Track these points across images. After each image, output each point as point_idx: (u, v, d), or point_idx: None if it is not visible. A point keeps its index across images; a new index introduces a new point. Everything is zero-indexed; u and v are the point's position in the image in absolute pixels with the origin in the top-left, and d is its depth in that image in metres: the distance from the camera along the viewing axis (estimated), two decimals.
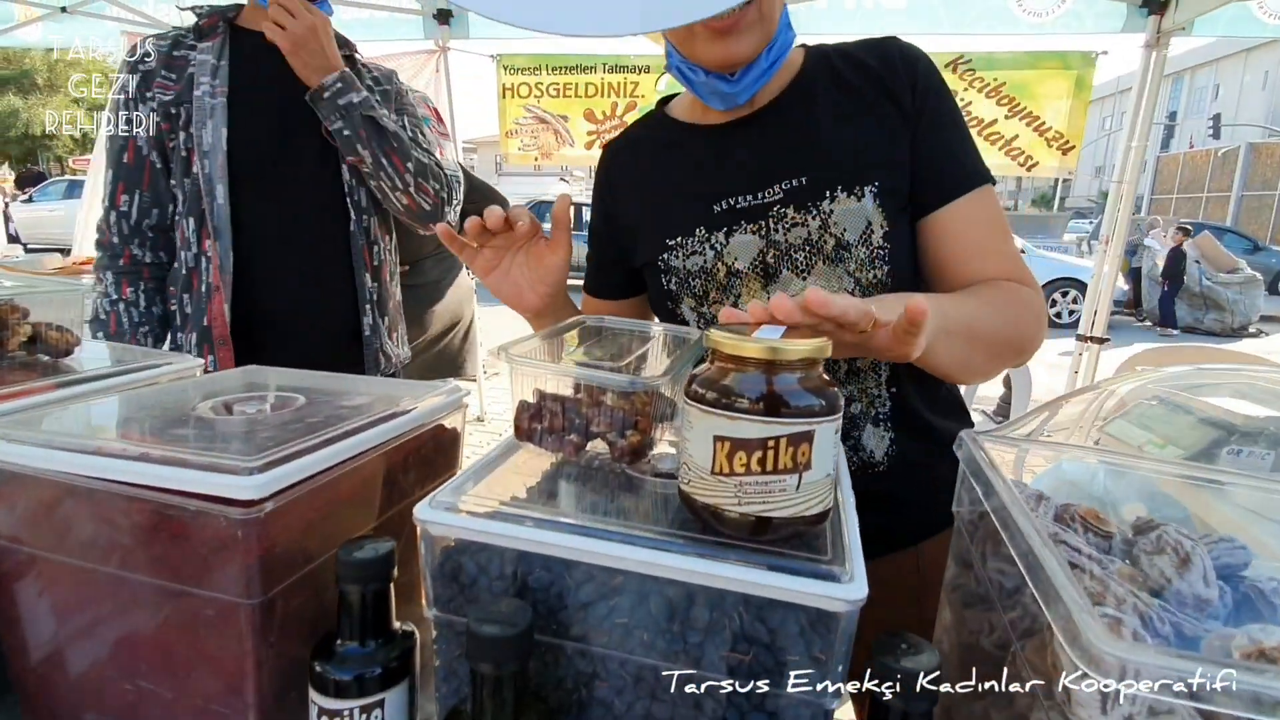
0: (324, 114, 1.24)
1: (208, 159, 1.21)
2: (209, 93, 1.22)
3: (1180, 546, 0.47)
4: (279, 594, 0.49)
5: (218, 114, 1.21)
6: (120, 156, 1.26)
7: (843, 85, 0.82)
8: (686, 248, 0.84)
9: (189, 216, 1.24)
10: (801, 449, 0.40)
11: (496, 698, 0.41)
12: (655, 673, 0.44)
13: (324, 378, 0.75)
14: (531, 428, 0.56)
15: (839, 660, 0.40)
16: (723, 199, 0.83)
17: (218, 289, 1.22)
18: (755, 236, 0.81)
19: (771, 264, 0.81)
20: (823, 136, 0.80)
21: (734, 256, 0.82)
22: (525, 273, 0.85)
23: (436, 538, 0.46)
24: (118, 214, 1.26)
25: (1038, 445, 0.60)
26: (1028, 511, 0.46)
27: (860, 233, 0.78)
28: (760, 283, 0.82)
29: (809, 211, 0.79)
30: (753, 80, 0.78)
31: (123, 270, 1.28)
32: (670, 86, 3.65)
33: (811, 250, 0.80)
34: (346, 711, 0.47)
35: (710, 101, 0.83)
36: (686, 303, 0.86)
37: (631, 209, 0.92)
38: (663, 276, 0.86)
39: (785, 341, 0.41)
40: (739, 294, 0.83)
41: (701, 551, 0.42)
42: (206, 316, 1.23)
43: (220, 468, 0.46)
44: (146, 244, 1.28)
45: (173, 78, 1.24)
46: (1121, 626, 0.38)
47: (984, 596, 0.53)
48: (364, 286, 1.34)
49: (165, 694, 0.53)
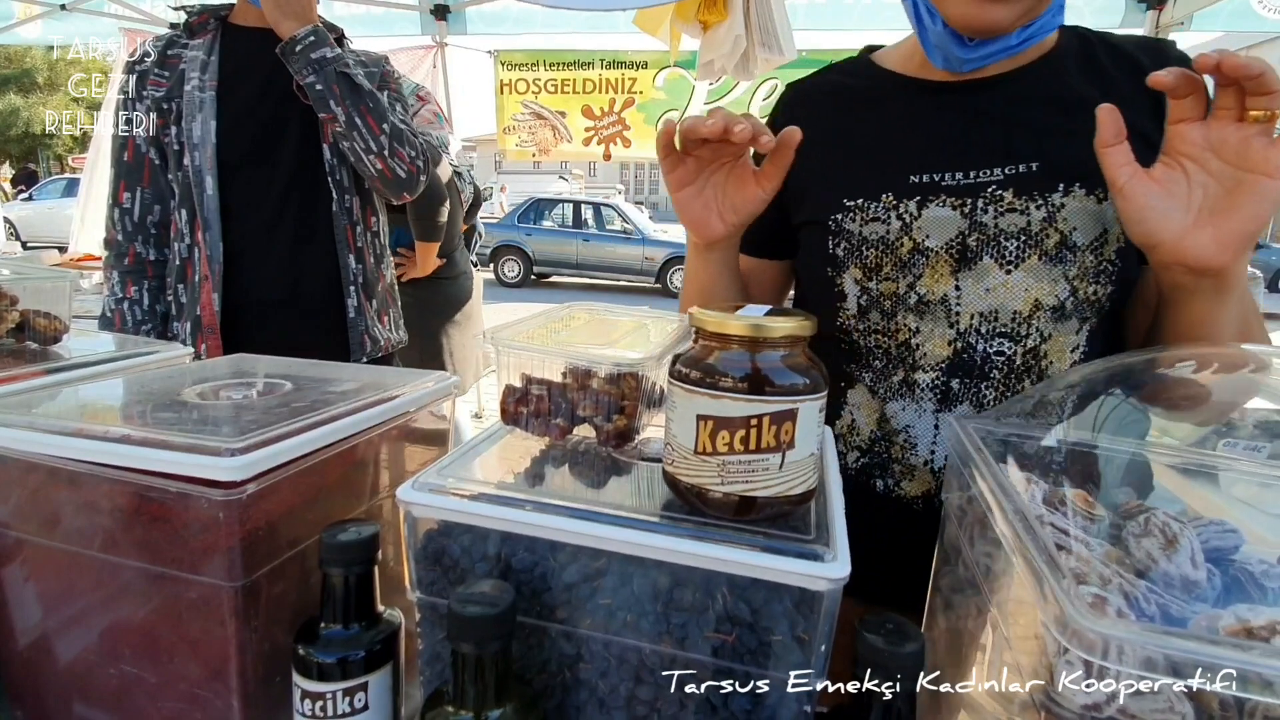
0: (296, 68, 1.21)
1: (197, 151, 1.22)
2: (198, 87, 1.23)
3: (1168, 528, 0.47)
4: (262, 577, 0.49)
5: (206, 107, 1.23)
6: (121, 155, 1.28)
7: (1100, 74, 0.72)
8: (867, 212, 0.74)
9: (181, 208, 1.26)
10: (785, 428, 0.40)
11: (478, 679, 0.40)
12: (639, 654, 0.44)
13: (314, 365, 0.75)
14: (518, 412, 0.56)
15: (822, 640, 0.40)
16: (925, 171, 0.73)
17: (206, 278, 1.23)
18: (956, 214, 0.71)
19: (972, 248, 0.71)
20: (1069, 122, 0.69)
21: (925, 232, 0.72)
22: (719, 196, 0.71)
23: (420, 520, 0.46)
24: (120, 211, 1.28)
25: (1026, 429, 0.60)
26: (1014, 493, 0.46)
27: (1093, 238, 0.68)
28: (950, 266, 0.72)
29: (1034, 200, 0.69)
30: (990, 54, 0.70)
31: (128, 270, 1.30)
32: (669, 83, 3.64)
33: (1027, 242, 0.70)
34: (329, 695, 0.47)
35: (932, 56, 0.74)
36: (851, 273, 0.76)
37: (807, 160, 0.78)
38: (830, 239, 0.77)
39: (769, 319, 0.41)
40: (920, 273, 0.73)
41: (685, 532, 0.42)
42: (199, 305, 1.24)
43: (202, 449, 0.46)
44: (150, 241, 1.30)
45: (165, 75, 1.26)
46: (1106, 605, 0.38)
47: (971, 581, 0.53)
48: (347, 268, 1.33)
49: (150, 678, 0.52)
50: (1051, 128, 0.71)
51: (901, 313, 0.75)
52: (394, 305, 1.48)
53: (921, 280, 0.73)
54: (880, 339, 0.77)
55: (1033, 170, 0.70)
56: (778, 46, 2.43)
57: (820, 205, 0.78)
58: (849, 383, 0.82)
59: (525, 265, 11.18)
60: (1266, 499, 0.56)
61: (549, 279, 11.54)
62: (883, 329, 0.77)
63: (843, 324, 0.79)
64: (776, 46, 2.43)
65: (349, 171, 1.33)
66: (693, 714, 0.43)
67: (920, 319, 0.74)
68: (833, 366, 0.81)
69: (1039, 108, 0.72)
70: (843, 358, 0.81)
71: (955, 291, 0.72)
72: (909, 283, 0.74)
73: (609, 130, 3.73)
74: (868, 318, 0.77)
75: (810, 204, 0.79)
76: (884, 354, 0.77)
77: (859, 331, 0.78)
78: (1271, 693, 0.32)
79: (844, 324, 0.79)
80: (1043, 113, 0.71)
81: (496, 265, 11.16)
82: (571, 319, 0.70)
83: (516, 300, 8.84)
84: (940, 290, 0.73)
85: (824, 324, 0.80)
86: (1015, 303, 0.71)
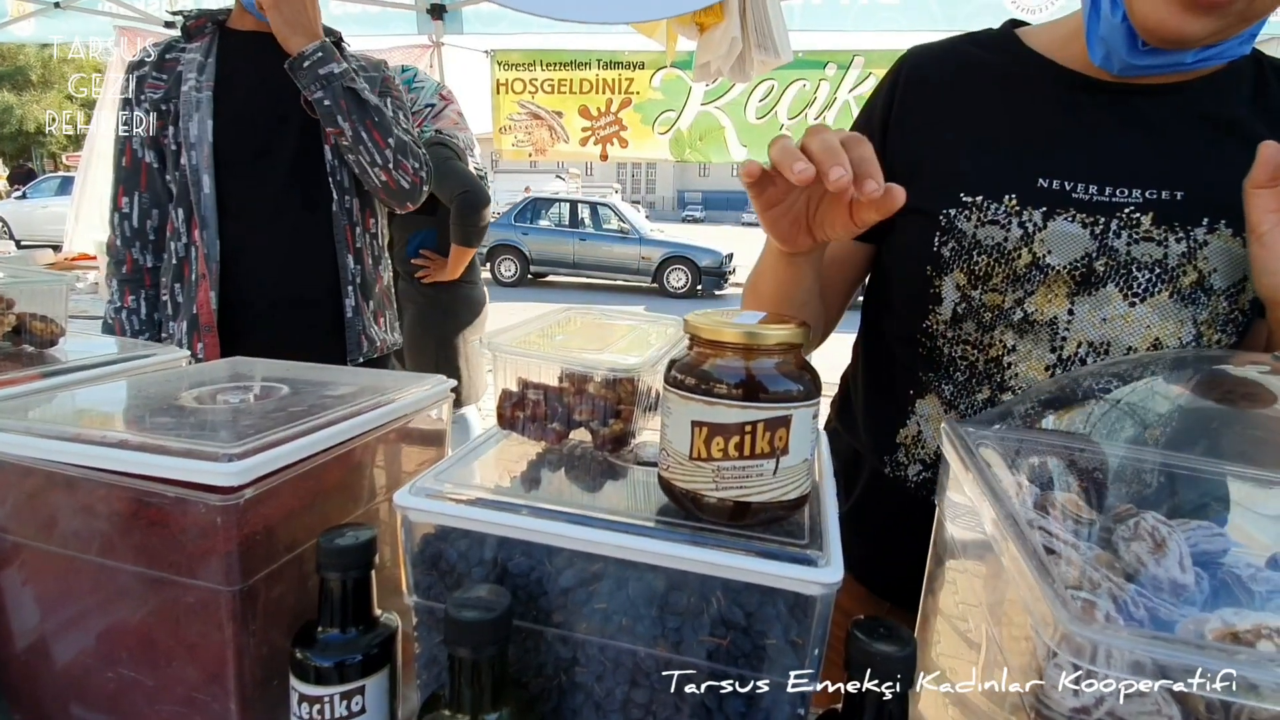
0: (304, 83, 1.23)
1: (194, 150, 1.23)
2: (195, 87, 1.24)
3: (1156, 532, 0.47)
4: (260, 582, 0.49)
5: (203, 107, 1.23)
6: (120, 159, 1.29)
7: (1271, 105, 0.66)
8: (986, 212, 0.67)
9: (178, 207, 1.26)
10: (779, 434, 0.40)
11: (475, 683, 0.41)
12: (635, 657, 0.44)
13: (311, 368, 0.75)
14: (514, 416, 0.56)
15: (815, 644, 0.41)
16: (1056, 177, 0.66)
17: (204, 277, 1.24)
18: (1086, 233, 0.65)
19: (1099, 272, 0.65)
20: (1225, 151, 0.64)
21: (1049, 247, 0.65)
22: (811, 214, 0.62)
23: (416, 524, 0.46)
24: (120, 216, 1.29)
25: (1018, 433, 0.60)
26: (1005, 496, 0.47)
27: (1232, 283, 0.63)
28: (1069, 289, 0.65)
29: (1174, 232, 0.63)
30: (1158, 65, 0.63)
31: (126, 278, 1.31)
32: (665, 84, 3.65)
33: (1160, 276, 0.63)
34: (327, 698, 0.47)
35: (1093, 47, 0.66)
36: (954, 277, 0.69)
37: (922, 137, 0.72)
38: (938, 235, 0.69)
39: (763, 326, 0.41)
40: (1032, 290, 0.66)
41: (680, 537, 0.42)
42: (195, 305, 1.24)
43: (199, 454, 0.46)
44: (148, 247, 1.31)
45: (163, 78, 1.27)
46: (1095, 609, 0.38)
47: (963, 583, 0.53)
48: (345, 268, 1.34)
49: (147, 682, 0.53)
50: (1205, 153, 0.64)
51: (1001, 328, 0.69)
52: (390, 307, 1.49)
53: (1032, 298, 0.66)
54: (969, 351, 0.71)
55: (1176, 199, 0.63)
56: (774, 48, 2.44)
57: (932, 194, 0.68)
58: (920, 391, 0.75)
59: (522, 265, 11.17)
60: (1259, 499, 0.57)
61: (545, 278, 11.53)
62: (975, 341, 0.70)
63: (929, 328, 0.72)
64: (773, 48, 2.44)
65: (349, 173, 1.33)
66: (688, 717, 0.44)
67: (1020, 338, 0.68)
68: (905, 371, 0.76)
69: (1195, 128, 0.65)
70: (920, 364, 0.74)
71: (1068, 315, 0.66)
72: (1017, 298, 0.67)
73: (606, 130, 3.74)
74: (960, 327, 0.71)
75: (919, 189, 0.68)
76: (969, 368, 0.71)
77: (946, 340, 0.72)
78: (1256, 696, 0.32)
79: (931, 328, 0.72)
80: (1199, 135, 0.65)
81: (493, 265, 11.14)
82: (569, 323, 0.70)
83: (513, 300, 8.84)
84: (1051, 312, 0.67)
85: (906, 325, 0.75)
86: (1132, 338, 0.66)
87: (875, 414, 0.80)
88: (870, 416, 0.81)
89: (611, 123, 3.70)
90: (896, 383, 0.78)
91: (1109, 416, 0.52)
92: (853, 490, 0.83)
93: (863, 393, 0.83)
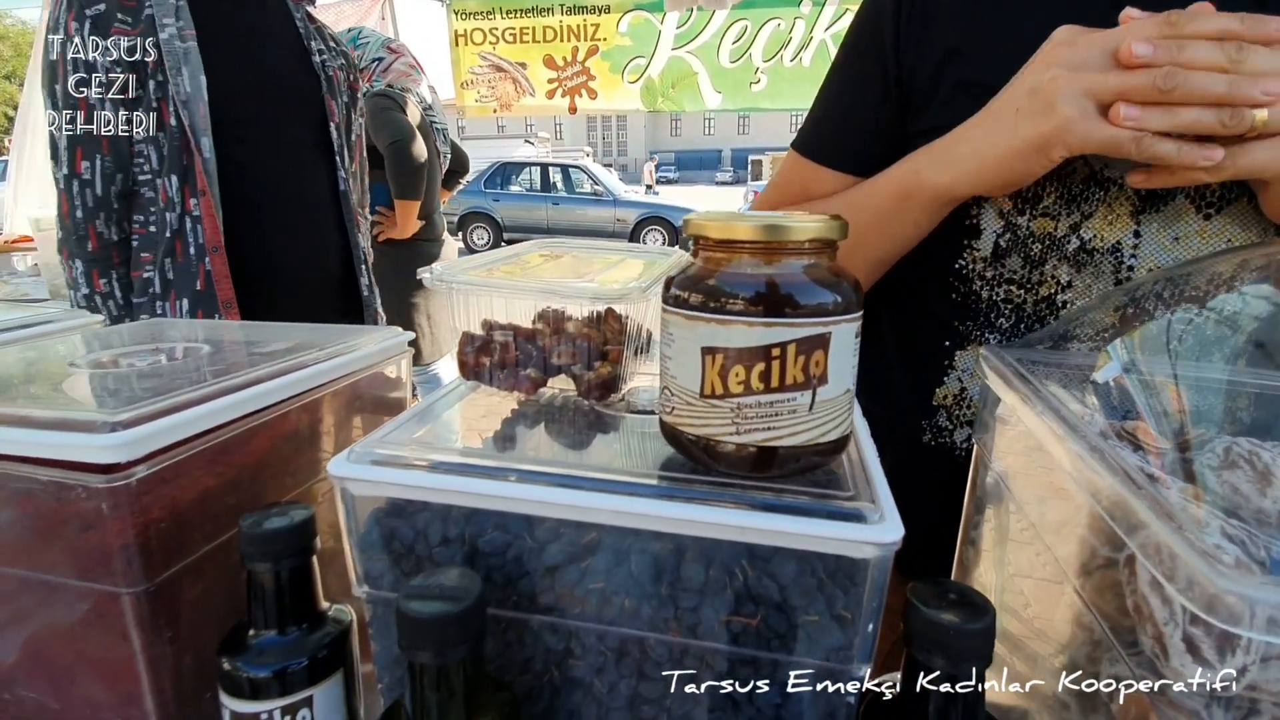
0: None
1: (187, 109, 1.07)
2: (175, 35, 1.07)
3: (1257, 458, 0.40)
4: (173, 579, 0.40)
5: (192, 59, 1.08)
6: (75, 119, 1.09)
7: None
8: None
9: (170, 174, 1.10)
10: (815, 358, 0.31)
11: (442, 689, 0.32)
12: (641, 646, 0.36)
13: (244, 327, 0.64)
14: (479, 363, 0.47)
15: (869, 618, 0.32)
16: None
17: (216, 249, 1.10)
18: None
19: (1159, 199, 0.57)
20: None
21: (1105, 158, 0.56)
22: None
23: (360, 499, 0.37)
24: (80, 183, 1.11)
25: (1070, 357, 0.52)
26: (1080, 424, 0.38)
27: None
28: (1132, 205, 0.57)
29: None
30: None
31: (92, 258, 1.13)
32: (633, 28, 3.46)
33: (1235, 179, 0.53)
34: (265, 714, 0.38)
35: None
36: (997, 202, 0.60)
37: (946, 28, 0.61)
38: None
39: (789, 219, 0.32)
40: (1091, 211, 0.58)
41: (692, 495, 0.33)
42: (199, 280, 1.10)
43: (71, 425, 0.36)
44: (112, 218, 1.13)
45: (128, 21, 1.07)
46: (1221, 555, 0.31)
47: (1015, 533, 0.46)
48: (358, 246, 1.30)
49: (52, 704, 0.43)
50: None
51: (1053, 261, 0.60)
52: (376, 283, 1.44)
53: (1090, 221, 0.57)
54: (1014, 291, 0.62)
55: None
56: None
57: (965, 108, 0.57)
58: (958, 343, 0.65)
59: (494, 232, 10.90)
60: None
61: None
62: (1021, 279, 0.61)
63: (964, 269, 0.63)
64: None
65: (349, 146, 1.29)
66: (709, 712, 0.36)
67: (1077, 271, 0.59)
68: (935, 321, 0.66)
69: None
70: (953, 311, 0.65)
71: (1133, 239, 0.58)
72: (1073, 222, 0.58)
73: (573, 81, 3.54)
74: (1003, 263, 0.62)
75: (944, 105, 0.60)
76: (1015, 311, 0.62)
77: (985, 280, 0.63)
78: None
79: (966, 269, 0.63)
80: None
81: (465, 233, 10.87)
82: (537, 258, 0.60)
83: None
84: (1113, 236, 0.58)
85: (933, 266, 0.65)
86: None
87: (905, 374, 0.71)
88: (900, 376, 0.71)
89: (579, 72, 3.50)
90: (926, 335, 0.67)
91: (1196, 328, 0.44)
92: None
93: (890, 350, 0.73)
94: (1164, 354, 0.44)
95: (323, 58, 1.26)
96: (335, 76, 1.28)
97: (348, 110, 1.31)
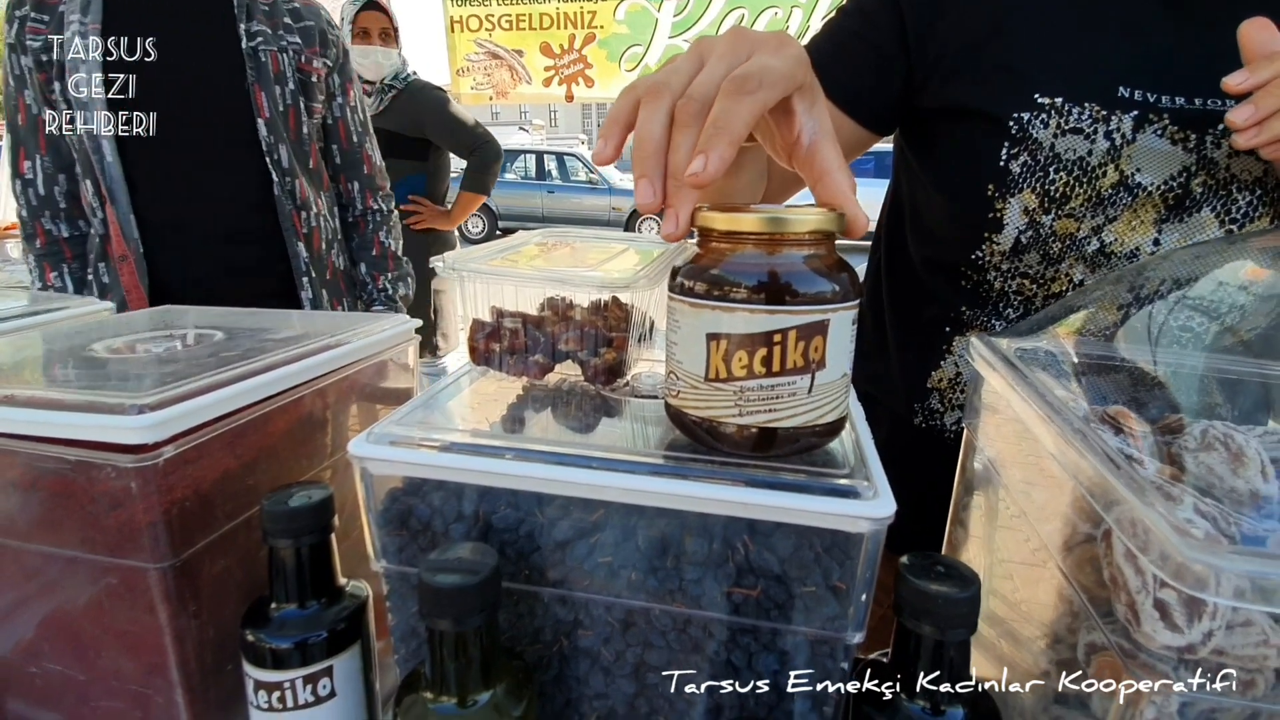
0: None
1: (85, 111, 1.03)
2: (79, 31, 1.02)
3: (1230, 441, 0.42)
4: (197, 555, 0.42)
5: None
6: (15, 118, 1.09)
7: None
8: (1067, 118, 0.55)
9: (86, 179, 1.08)
10: (814, 343, 0.33)
11: (460, 658, 0.34)
12: (647, 616, 0.38)
13: (255, 314, 0.66)
14: (489, 349, 0.48)
15: (862, 589, 0.35)
16: (1139, 87, 0.55)
17: (124, 259, 1.07)
18: (1178, 148, 0.55)
19: (1196, 193, 0.56)
20: None
21: (1137, 164, 0.56)
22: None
23: (379, 478, 0.39)
24: (23, 183, 1.11)
25: (1059, 341, 0.54)
26: (1068, 411, 0.40)
27: None
28: (1157, 213, 0.57)
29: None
30: None
31: (42, 253, 1.14)
32: (630, 15, 3.45)
33: (1262, 198, 0.55)
34: (288, 684, 0.40)
35: None
36: (1023, 199, 0.58)
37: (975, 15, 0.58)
38: (1005, 146, 0.58)
39: (790, 212, 0.33)
40: (1115, 216, 0.57)
41: (696, 473, 0.35)
42: (124, 288, 1.09)
43: (101, 407, 0.37)
44: (60, 215, 1.12)
45: (44, 20, 1.04)
46: (1192, 529, 0.33)
47: (1003, 512, 0.48)
48: (297, 256, 1.19)
49: (79, 676, 0.45)
50: None
51: (1070, 260, 0.60)
52: (347, 294, 1.34)
53: (1113, 225, 0.57)
54: (1027, 285, 0.62)
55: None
56: None
57: (1000, 95, 0.56)
58: (958, 328, 0.66)
59: (489, 220, 10.85)
60: None
61: (514, 234, 11.23)
62: (1036, 275, 0.61)
63: (980, 259, 0.63)
64: None
65: (288, 151, 1.15)
66: (710, 677, 0.38)
67: (1091, 271, 0.59)
68: (939, 305, 0.67)
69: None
70: (962, 298, 0.65)
71: (1153, 246, 0.58)
72: (1095, 225, 0.58)
73: (570, 69, 3.53)
74: (1021, 258, 0.61)
75: (973, 84, 0.57)
76: (1025, 304, 0.63)
77: (999, 272, 0.63)
78: None
79: (982, 260, 0.63)
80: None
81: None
82: (542, 247, 0.62)
83: None
84: (1133, 241, 0.58)
85: (949, 253, 0.65)
86: None
87: (900, 356, 0.72)
88: (897, 357, 0.72)
89: (575, 60, 3.49)
90: (927, 318, 0.68)
91: (1176, 316, 0.46)
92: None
93: (886, 331, 0.74)
94: (1145, 342, 0.46)
95: (257, 40, 1.10)
96: (273, 60, 1.12)
97: (295, 99, 1.16)
